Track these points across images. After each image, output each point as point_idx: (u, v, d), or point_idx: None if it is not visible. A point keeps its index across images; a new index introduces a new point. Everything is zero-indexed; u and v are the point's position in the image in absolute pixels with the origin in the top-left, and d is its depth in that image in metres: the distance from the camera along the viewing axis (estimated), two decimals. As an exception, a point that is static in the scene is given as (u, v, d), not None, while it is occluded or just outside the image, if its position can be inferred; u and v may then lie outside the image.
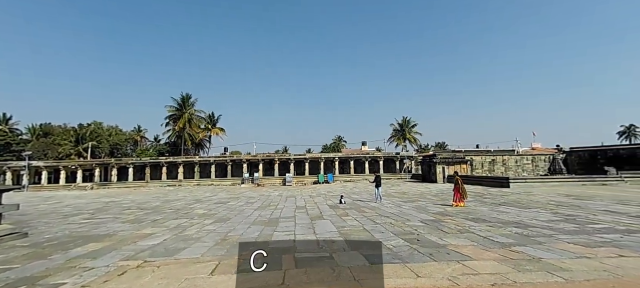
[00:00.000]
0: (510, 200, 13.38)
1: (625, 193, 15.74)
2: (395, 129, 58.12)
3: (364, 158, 41.36)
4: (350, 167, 40.79)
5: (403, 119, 57.72)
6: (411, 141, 56.97)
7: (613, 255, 5.02)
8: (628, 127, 66.74)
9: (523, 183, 21.02)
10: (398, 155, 43.43)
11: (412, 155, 43.28)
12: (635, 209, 10.17)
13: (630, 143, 58.83)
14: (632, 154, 32.19)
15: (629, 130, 66.42)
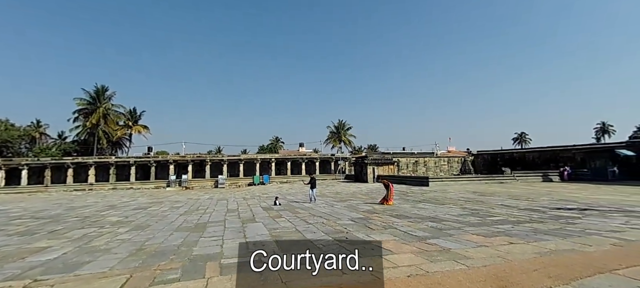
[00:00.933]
0: (429, 198, 14.84)
1: (516, 189, 18.78)
2: (332, 131, 60.03)
3: (301, 159, 41.67)
4: (287, 168, 40.70)
5: (339, 122, 59.97)
6: (346, 143, 59.49)
7: (505, 243, 5.89)
8: (520, 135, 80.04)
9: (440, 182, 23.57)
10: (333, 156, 44.85)
11: (347, 157, 45.15)
12: (523, 203, 12.17)
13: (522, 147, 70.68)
14: (522, 157, 38.68)
15: (521, 136, 79.70)
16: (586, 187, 19.74)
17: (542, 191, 17.28)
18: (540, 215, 9.14)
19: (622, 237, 6.22)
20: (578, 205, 11.39)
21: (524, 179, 25.99)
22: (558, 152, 33.69)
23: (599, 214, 9.19)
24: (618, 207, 10.48)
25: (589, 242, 5.83)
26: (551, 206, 11.17)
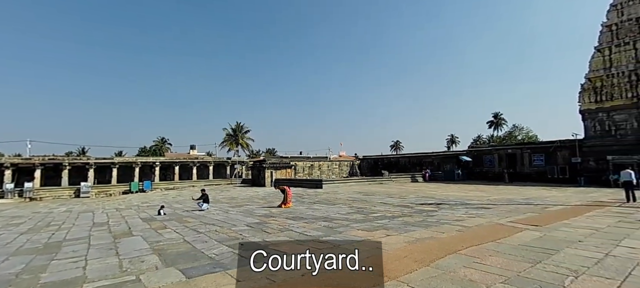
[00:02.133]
0: (322, 199, 15.80)
1: (392, 189, 21.86)
2: (229, 134, 57.22)
3: (191, 163, 38.21)
4: (175, 173, 36.67)
5: (237, 125, 57.66)
6: (244, 146, 57.66)
7: (383, 236, 6.77)
8: (396, 142, 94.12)
9: (332, 184, 25.42)
10: (230, 160, 42.85)
11: (244, 161, 43.83)
12: (397, 200, 14.26)
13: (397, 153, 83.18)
14: (397, 161, 45.51)
15: (396, 144, 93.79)
16: (440, 185, 24.64)
17: (410, 190, 20.68)
18: (409, 210, 10.89)
19: (463, 224, 7.99)
20: (435, 200, 14.10)
21: (398, 180, 30.57)
22: (422, 158, 41.00)
23: (449, 207, 11.59)
24: (461, 201, 13.44)
25: (442, 230, 7.27)
26: (417, 202, 13.47)
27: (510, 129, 62.89)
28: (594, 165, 24.92)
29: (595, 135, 25.66)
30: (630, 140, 23.86)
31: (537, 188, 19.95)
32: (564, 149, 27.97)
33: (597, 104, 25.62)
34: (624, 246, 5.57)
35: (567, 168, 27.03)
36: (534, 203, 12.29)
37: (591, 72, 26.33)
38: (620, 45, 25.15)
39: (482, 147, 40.23)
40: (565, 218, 8.52)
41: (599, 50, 26.20)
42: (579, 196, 14.95)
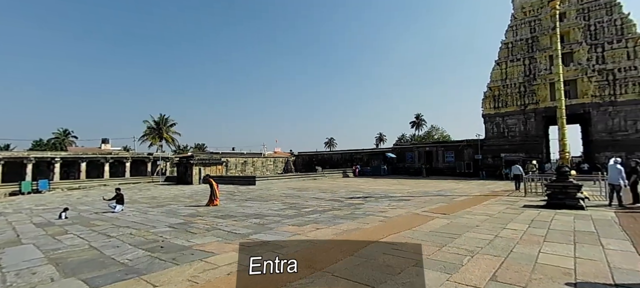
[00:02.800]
0: (255, 196, 15.47)
1: (324, 184, 22.53)
2: (151, 127, 51.79)
3: (103, 159, 33.65)
4: (81, 171, 31.87)
5: (161, 117, 52.50)
6: (169, 141, 52.90)
7: (313, 229, 6.94)
8: (330, 139, 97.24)
9: (266, 180, 25.08)
10: (151, 156, 38.91)
11: (168, 157, 40.30)
12: (328, 195, 14.74)
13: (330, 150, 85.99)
14: (330, 157, 47.07)
15: (330, 141, 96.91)
16: (368, 180, 26.29)
17: (341, 185, 21.61)
18: (339, 204, 11.37)
19: (386, 215, 8.66)
20: (363, 194, 14.99)
21: (330, 176, 31.66)
22: (353, 154, 43.17)
23: (375, 200, 12.43)
24: (385, 194, 14.54)
25: (367, 221, 7.77)
26: (347, 196, 14.15)
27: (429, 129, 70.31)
28: (491, 161, 29.43)
29: (493, 136, 30.31)
30: (518, 141, 28.81)
31: (448, 182, 22.72)
32: (469, 148, 32.41)
33: (495, 110, 30.26)
34: (509, 228, 6.71)
35: (471, 163, 31.40)
36: (444, 195, 13.97)
37: (492, 82, 30.95)
38: (514, 60, 30.10)
39: (404, 145, 44.09)
40: (467, 207, 9.88)
41: (498, 64, 30.94)
42: (479, 188, 17.49)
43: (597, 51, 26.32)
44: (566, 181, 9.66)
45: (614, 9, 26.46)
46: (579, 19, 27.50)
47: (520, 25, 30.53)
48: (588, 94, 25.98)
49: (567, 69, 26.02)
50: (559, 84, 12.26)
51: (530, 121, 28.47)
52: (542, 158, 26.79)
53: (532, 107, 28.27)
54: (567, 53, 26.64)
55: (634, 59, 24.88)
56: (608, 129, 25.24)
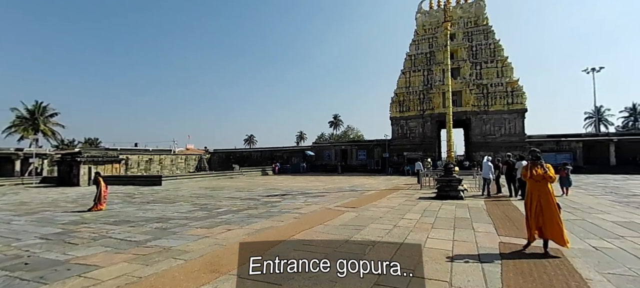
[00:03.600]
0: (160, 197, 13.93)
1: (242, 183, 21.76)
2: (22, 117, 41.81)
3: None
4: None
5: (36, 105, 42.79)
6: (48, 134, 43.57)
7: (224, 231, 6.57)
8: (250, 136, 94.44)
9: (174, 180, 22.87)
10: (21, 152, 31.42)
11: (47, 153, 33.19)
12: (245, 194, 14.26)
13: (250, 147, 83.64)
14: (249, 155, 45.77)
15: (250, 138, 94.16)
16: (288, 178, 26.45)
17: (260, 183, 21.21)
18: (255, 203, 11.09)
19: (300, 212, 8.80)
20: (281, 191, 14.97)
21: (249, 174, 30.78)
22: (273, 152, 42.86)
23: (292, 197, 12.54)
24: (302, 191, 14.81)
25: (282, 219, 7.76)
26: (264, 194, 13.92)
27: (346, 129, 74.78)
28: (397, 159, 32.90)
29: (398, 137, 33.89)
30: (418, 141, 32.85)
31: (360, 178, 24.50)
32: (379, 147, 35.58)
33: (400, 113, 33.87)
34: (406, 218, 7.55)
35: (380, 161, 34.53)
36: (356, 190, 15.00)
37: (398, 89, 34.54)
38: (416, 71, 34.16)
39: (323, 144, 45.88)
40: (374, 201, 10.79)
41: (403, 73, 34.69)
42: (386, 183, 19.34)
43: (477, 68, 31.92)
44: (451, 176, 11.42)
45: (489, 35, 32.49)
46: (465, 40, 32.89)
47: (421, 41, 34.86)
48: (469, 104, 31.29)
49: (455, 82, 30.86)
50: (448, 94, 14.39)
51: (427, 124, 32.81)
52: (435, 156, 31.17)
53: (429, 112, 32.63)
54: (455, 68, 31.60)
55: (502, 76, 31.01)
56: (482, 133, 30.89)
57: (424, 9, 35.54)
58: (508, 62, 31.09)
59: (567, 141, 30.20)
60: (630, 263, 4.18)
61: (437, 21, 33.65)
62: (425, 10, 35.51)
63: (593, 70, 35.88)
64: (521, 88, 30.17)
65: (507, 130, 30.22)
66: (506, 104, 30.23)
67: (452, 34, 32.21)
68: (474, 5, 33.62)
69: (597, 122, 56.34)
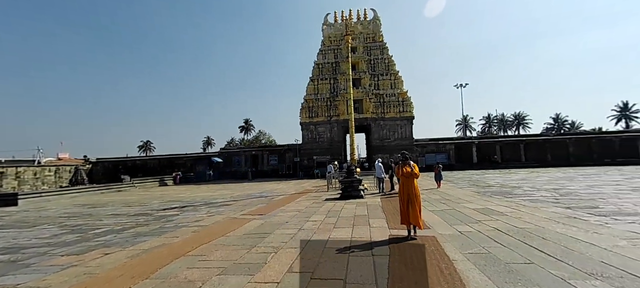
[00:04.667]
0: (12, 221, 10.92)
1: (133, 196, 18.94)
2: None
3: None
4: None
5: None
6: None
7: (99, 256, 5.49)
8: (145, 143, 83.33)
9: (38, 198, 18.34)
10: None
11: None
12: (135, 209, 12.40)
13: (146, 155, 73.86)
14: (144, 164, 40.33)
15: (146, 144, 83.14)
16: (191, 187, 24.27)
17: (156, 195, 18.83)
18: (146, 218, 9.72)
19: (201, 224, 8.09)
20: (181, 203, 13.57)
21: (143, 185, 27.06)
22: (175, 159, 38.83)
23: (193, 209, 11.48)
24: (207, 201, 13.74)
25: (178, 234, 6.97)
26: (160, 208, 12.36)
27: (257, 134, 73.29)
28: (307, 163, 33.84)
29: (308, 141, 34.94)
30: (326, 145, 34.50)
31: (271, 183, 24.26)
32: (290, 151, 36.02)
33: (309, 119, 35.03)
34: (311, 220, 7.72)
35: (291, 165, 34.98)
36: (266, 196, 14.74)
37: (307, 95, 35.70)
38: (323, 79, 35.90)
39: (232, 149, 43.90)
40: (282, 205, 10.76)
41: (312, 80, 36.06)
42: (296, 187, 19.62)
43: (375, 80, 35.53)
44: (353, 177, 12.28)
45: (384, 50, 36.61)
46: (365, 54, 36.27)
47: (327, 51, 36.93)
48: (369, 111, 34.57)
49: (357, 91, 33.69)
50: (350, 102, 15.52)
51: (334, 129, 34.83)
52: (342, 159, 33.28)
53: (335, 118, 34.72)
54: (357, 78, 34.53)
55: (395, 88, 35.25)
56: (380, 137, 34.49)
57: (330, 22, 37.84)
58: (399, 76, 35.61)
59: (444, 143, 36.31)
60: (484, 243, 5.14)
61: (341, 34, 36.20)
62: (330, 22, 37.83)
63: (461, 86, 44.13)
64: (410, 98, 34.92)
65: (399, 134, 34.48)
66: (398, 112, 34.50)
67: (353, 47, 35.14)
68: (372, 23, 37.49)
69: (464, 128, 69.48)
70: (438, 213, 8.19)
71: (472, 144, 36.35)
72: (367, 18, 37.77)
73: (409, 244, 5.21)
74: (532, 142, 36.01)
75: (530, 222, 6.58)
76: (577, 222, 6.38)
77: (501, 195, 11.29)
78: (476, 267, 3.98)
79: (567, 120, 67.52)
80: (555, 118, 68.43)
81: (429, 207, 9.22)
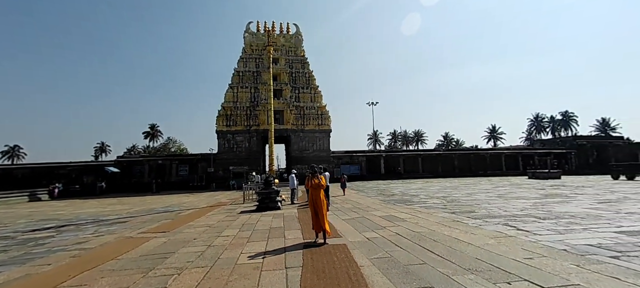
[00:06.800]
0: None
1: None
2: None
3: None
4: None
5: None
6: None
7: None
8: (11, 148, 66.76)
9: None
10: None
11: None
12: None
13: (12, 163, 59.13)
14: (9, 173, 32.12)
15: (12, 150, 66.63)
16: (75, 202, 20.29)
17: (23, 213, 15.11)
18: (5, 244, 7.67)
19: (84, 246, 6.77)
20: (59, 222, 11.17)
21: (6, 201, 21.48)
22: (54, 169, 32.06)
23: (76, 228, 9.57)
24: (94, 219, 11.64)
25: (50, 261, 5.67)
26: (27, 229, 9.93)
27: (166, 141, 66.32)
28: (222, 174, 32.03)
29: (224, 151, 33.21)
30: (244, 155, 33.32)
31: (179, 196, 22.07)
32: (204, 161, 33.60)
33: (227, 127, 33.43)
34: (223, 236, 7.24)
35: (204, 176, 32.60)
36: (172, 210, 13.29)
37: (225, 103, 34.09)
38: (243, 87, 34.85)
39: (133, 158, 38.65)
40: (191, 220, 9.85)
41: (232, 88, 34.65)
42: (209, 199, 18.27)
43: (296, 92, 36.19)
44: (270, 188, 12.09)
45: (305, 65, 37.72)
46: (286, 66, 36.73)
47: (248, 59, 36.16)
48: (290, 122, 34.92)
49: (278, 102, 33.76)
50: (270, 112, 15.39)
51: (253, 139, 33.97)
52: (260, 170, 32.58)
53: (255, 127, 33.97)
54: (278, 89, 34.64)
55: (314, 101, 36.49)
56: (300, 148, 35.08)
57: (252, 30, 37.26)
58: (319, 90, 37.10)
59: (357, 156, 39.04)
60: (387, 247, 5.60)
61: (263, 43, 36.00)
62: (253, 31, 37.26)
63: (373, 103, 48.37)
64: (328, 112, 36.61)
65: (318, 146, 35.69)
66: (317, 125, 35.77)
67: (276, 58, 35.33)
68: (294, 38, 38.35)
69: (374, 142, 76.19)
70: (350, 221, 8.65)
71: (381, 157, 40.04)
72: (289, 32, 38.48)
73: (321, 254, 5.32)
74: (427, 156, 41.65)
75: (424, 226, 7.49)
76: (459, 224, 7.54)
77: (402, 203, 12.62)
78: (380, 271, 4.29)
79: (454, 138, 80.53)
80: (445, 136, 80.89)
81: (342, 216, 9.68)
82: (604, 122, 68.86)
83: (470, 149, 50.18)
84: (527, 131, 76.17)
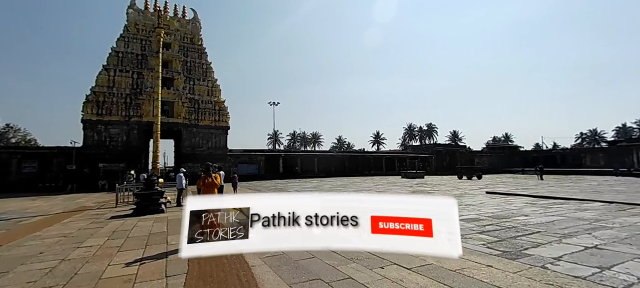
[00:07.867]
0: None
1: None
2: None
3: None
4: None
5: None
6: None
7: None
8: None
9: None
10: None
11: None
12: None
13: None
14: None
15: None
16: None
17: None
18: None
19: None
20: None
21: None
22: None
23: None
24: None
25: None
26: None
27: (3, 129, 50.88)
28: (89, 172, 26.50)
29: (93, 144, 27.61)
30: (120, 150, 28.43)
31: (22, 200, 17.19)
32: (61, 156, 27.15)
33: (98, 116, 27.90)
34: (84, 246, 5.97)
35: (61, 175, 26.35)
36: (9, 218, 10.22)
37: (97, 87, 28.40)
38: (124, 71, 29.74)
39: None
40: (38, 230, 7.79)
41: (107, 70, 29.10)
42: (66, 203, 14.82)
43: (190, 83, 33.05)
44: (153, 189, 10.67)
45: (203, 55, 34.88)
46: (180, 53, 33.17)
47: (132, 39, 31.12)
48: (181, 116, 31.64)
49: (168, 92, 30.16)
50: (157, 103, 13.62)
51: (133, 132, 29.33)
52: (141, 168, 28.39)
53: (136, 119, 29.41)
54: (169, 78, 30.95)
55: (211, 95, 34.07)
56: (192, 145, 32.18)
57: (138, 7, 32.24)
58: (217, 84, 34.87)
59: (256, 155, 38.38)
60: (279, 245, 5.66)
61: (152, 24, 31.55)
62: (139, 8, 32.26)
63: (274, 103, 48.52)
64: (226, 108, 34.77)
65: (213, 143, 33.48)
66: (214, 120, 33.54)
67: (168, 43, 31.50)
68: (191, 24, 35.03)
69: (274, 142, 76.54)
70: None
71: (280, 157, 40.48)
72: (186, 16, 34.91)
73: (210, 257, 4.97)
74: (323, 157, 44.35)
75: (316, 223, 7.91)
76: (346, 220, 8.27)
77: (298, 202, 13.04)
78: (271, 269, 4.29)
79: (346, 141, 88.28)
80: (338, 139, 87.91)
81: (236, 216, 9.31)
82: (454, 133, 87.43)
83: (358, 152, 55.79)
84: (402, 138, 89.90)
